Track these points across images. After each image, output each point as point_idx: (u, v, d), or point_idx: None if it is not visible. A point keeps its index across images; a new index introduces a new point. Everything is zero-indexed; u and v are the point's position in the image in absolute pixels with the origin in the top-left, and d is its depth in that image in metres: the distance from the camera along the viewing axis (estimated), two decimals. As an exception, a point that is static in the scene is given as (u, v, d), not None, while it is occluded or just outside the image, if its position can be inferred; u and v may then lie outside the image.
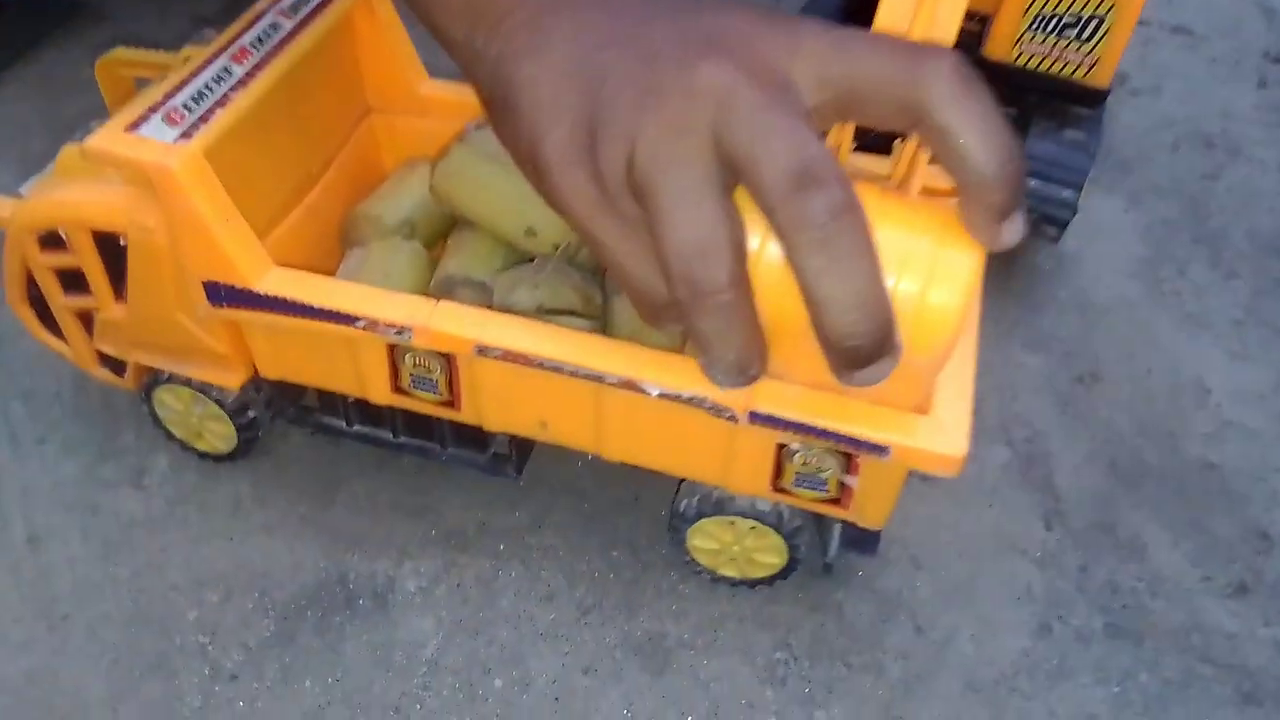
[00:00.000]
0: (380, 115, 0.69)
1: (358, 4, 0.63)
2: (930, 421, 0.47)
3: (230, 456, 0.66)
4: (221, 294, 0.54)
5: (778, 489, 0.53)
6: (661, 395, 0.49)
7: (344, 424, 0.63)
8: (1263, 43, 1.09)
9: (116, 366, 0.64)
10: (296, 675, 0.58)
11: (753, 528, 0.57)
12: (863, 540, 0.58)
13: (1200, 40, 1.10)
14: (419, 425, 0.61)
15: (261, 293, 0.53)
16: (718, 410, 0.49)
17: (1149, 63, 1.06)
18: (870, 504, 0.53)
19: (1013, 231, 0.36)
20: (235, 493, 0.66)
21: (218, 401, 0.62)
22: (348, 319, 0.53)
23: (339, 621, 0.60)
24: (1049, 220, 0.76)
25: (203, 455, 0.67)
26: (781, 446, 0.51)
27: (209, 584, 0.61)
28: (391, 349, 0.55)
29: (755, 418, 0.48)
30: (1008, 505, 0.66)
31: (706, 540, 0.59)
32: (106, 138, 0.52)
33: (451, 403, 0.57)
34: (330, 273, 0.59)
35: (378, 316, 0.52)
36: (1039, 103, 0.77)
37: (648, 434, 0.54)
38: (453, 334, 0.51)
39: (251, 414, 0.63)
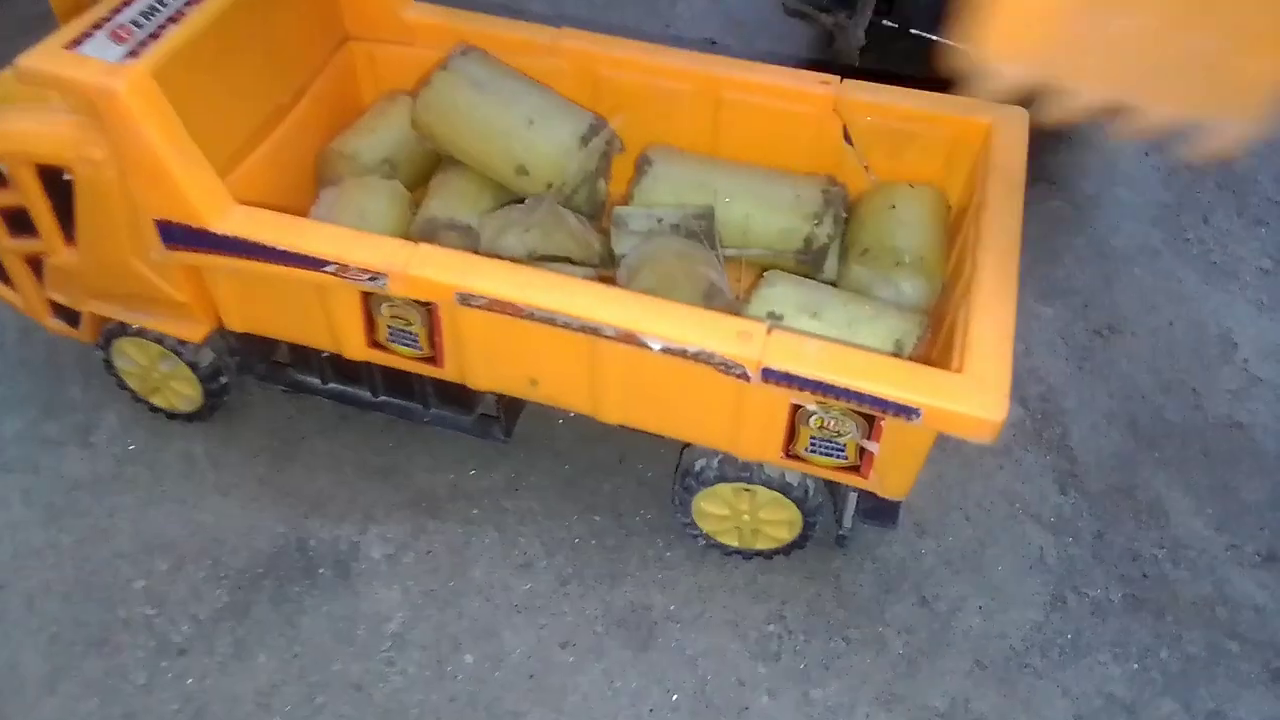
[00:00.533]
0: (359, 43, 0.64)
1: None
2: (966, 381, 0.43)
3: (195, 416, 0.61)
4: (177, 234, 0.49)
5: (790, 455, 0.49)
6: (664, 350, 0.44)
7: (319, 381, 0.58)
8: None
9: (71, 317, 0.59)
10: (250, 650, 0.53)
11: (774, 499, 0.52)
12: (881, 511, 0.53)
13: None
14: (400, 383, 0.56)
15: (221, 233, 0.48)
16: (727, 366, 0.44)
17: None
18: (893, 472, 0.48)
19: None
20: (188, 452, 0.61)
21: (190, 364, 0.57)
22: (316, 263, 0.47)
23: (297, 592, 0.55)
24: None
25: (155, 410, 0.62)
26: (797, 408, 0.46)
27: (158, 551, 0.57)
28: (366, 298, 0.50)
29: (769, 375, 0.43)
30: (1020, 467, 0.61)
31: (718, 506, 0.54)
32: (43, 56, 0.47)
33: (433, 358, 0.52)
34: (303, 214, 0.54)
35: (349, 260, 0.47)
36: None
37: (648, 394, 0.49)
38: (433, 280, 0.46)
39: (223, 379, 0.58)
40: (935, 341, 0.51)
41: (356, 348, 0.53)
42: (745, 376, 0.44)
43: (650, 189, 0.58)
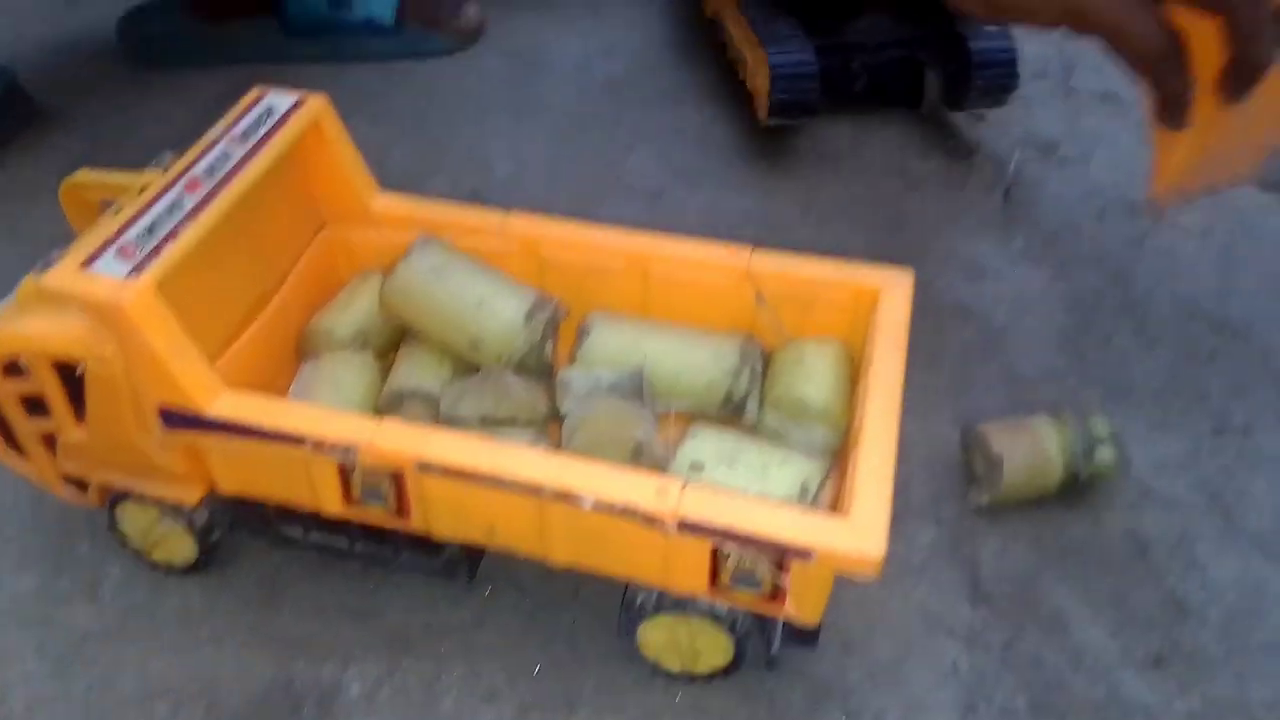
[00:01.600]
0: (334, 228, 0.72)
1: (308, 127, 0.66)
2: (848, 524, 0.50)
3: (192, 569, 0.68)
4: (176, 419, 0.57)
5: (717, 588, 0.55)
6: (595, 507, 0.52)
7: (301, 534, 0.65)
8: (1188, 106, 1.13)
9: (80, 485, 0.66)
10: (243, 785, 0.59)
11: (707, 627, 0.59)
12: (804, 635, 0.60)
13: (1128, 107, 1.14)
14: (373, 533, 0.63)
15: (213, 417, 0.56)
16: (649, 520, 0.51)
17: (1078, 131, 1.09)
18: (804, 601, 0.55)
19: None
20: (185, 602, 0.68)
21: (187, 523, 0.65)
22: (296, 440, 0.55)
23: (285, 729, 0.61)
24: None
25: (156, 568, 0.69)
26: (715, 549, 0.53)
27: (159, 695, 0.63)
28: (341, 465, 0.57)
29: (685, 526, 0.50)
30: (936, 583, 0.68)
31: (659, 634, 0.61)
32: (62, 276, 0.55)
33: (401, 513, 0.59)
34: (289, 383, 0.62)
35: (324, 437, 0.55)
36: None
37: (590, 540, 0.56)
38: (396, 451, 0.54)
39: (216, 535, 0.65)
40: (840, 481, 0.58)
41: (335, 505, 0.60)
42: (665, 527, 0.51)
43: (590, 352, 0.66)
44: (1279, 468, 0.75)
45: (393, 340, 0.70)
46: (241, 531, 0.67)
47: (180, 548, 0.66)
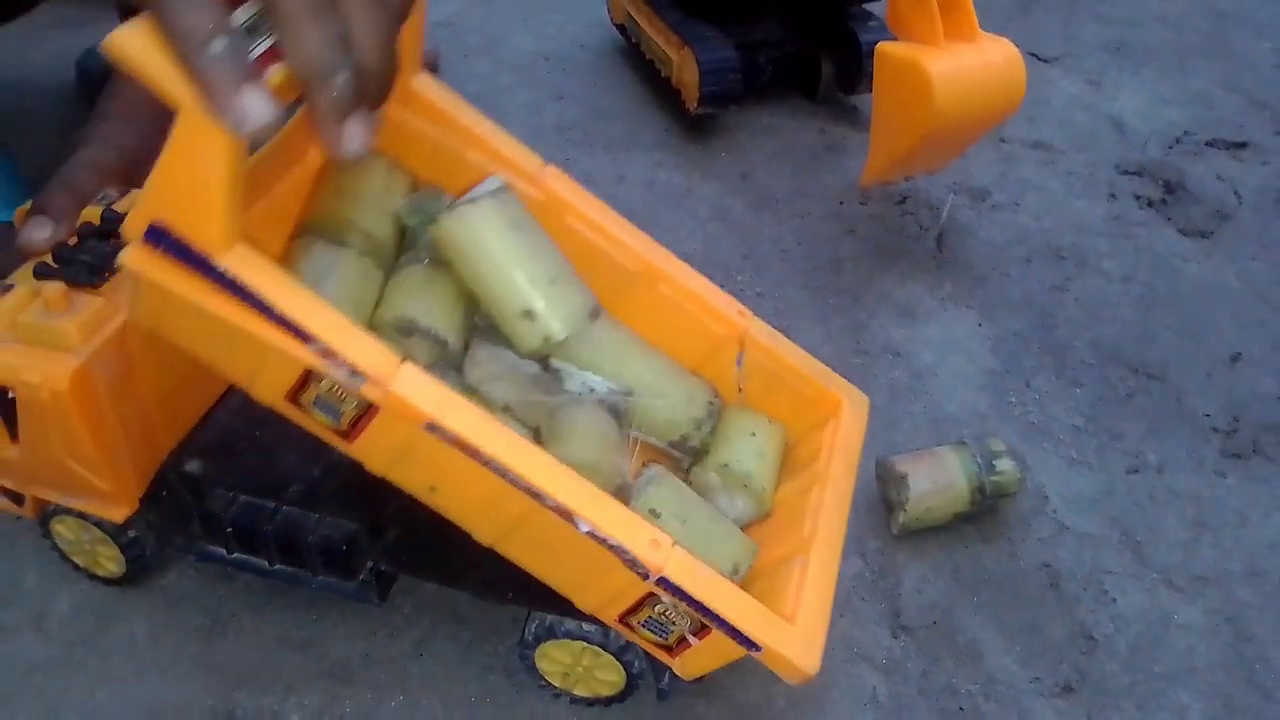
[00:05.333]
0: None
1: None
2: (796, 633, 0.53)
3: (123, 581, 0.70)
4: (172, 245, 0.46)
5: (623, 622, 0.58)
6: (589, 534, 0.51)
7: (225, 552, 0.66)
8: (1114, 156, 1.18)
9: (17, 498, 0.68)
10: (182, 813, 0.61)
11: (584, 649, 0.61)
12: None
13: (1058, 155, 1.19)
14: (291, 552, 0.64)
15: (222, 267, 0.46)
16: (634, 564, 0.51)
17: (1009, 179, 1.14)
18: (696, 664, 0.58)
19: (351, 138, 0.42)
20: (131, 633, 0.69)
21: (112, 536, 0.67)
22: (303, 335, 0.48)
23: (225, 758, 0.63)
24: None
25: (94, 578, 0.71)
26: (651, 594, 0.54)
27: (102, 726, 0.65)
28: (312, 371, 0.50)
29: (663, 582, 0.52)
30: (859, 615, 0.71)
31: (551, 664, 0.63)
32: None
33: (346, 435, 0.53)
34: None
35: (337, 349, 0.48)
36: None
37: (537, 542, 0.55)
38: (411, 403, 0.48)
39: (132, 533, 0.67)
40: (789, 582, 0.58)
41: (272, 395, 0.53)
42: (645, 576, 0.52)
43: (586, 348, 0.64)
44: (1189, 505, 0.79)
45: (395, 244, 0.63)
46: (168, 548, 0.68)
47: (108, 561, 0.69)
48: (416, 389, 0.49)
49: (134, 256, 0.47)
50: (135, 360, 0.61)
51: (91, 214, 0.65)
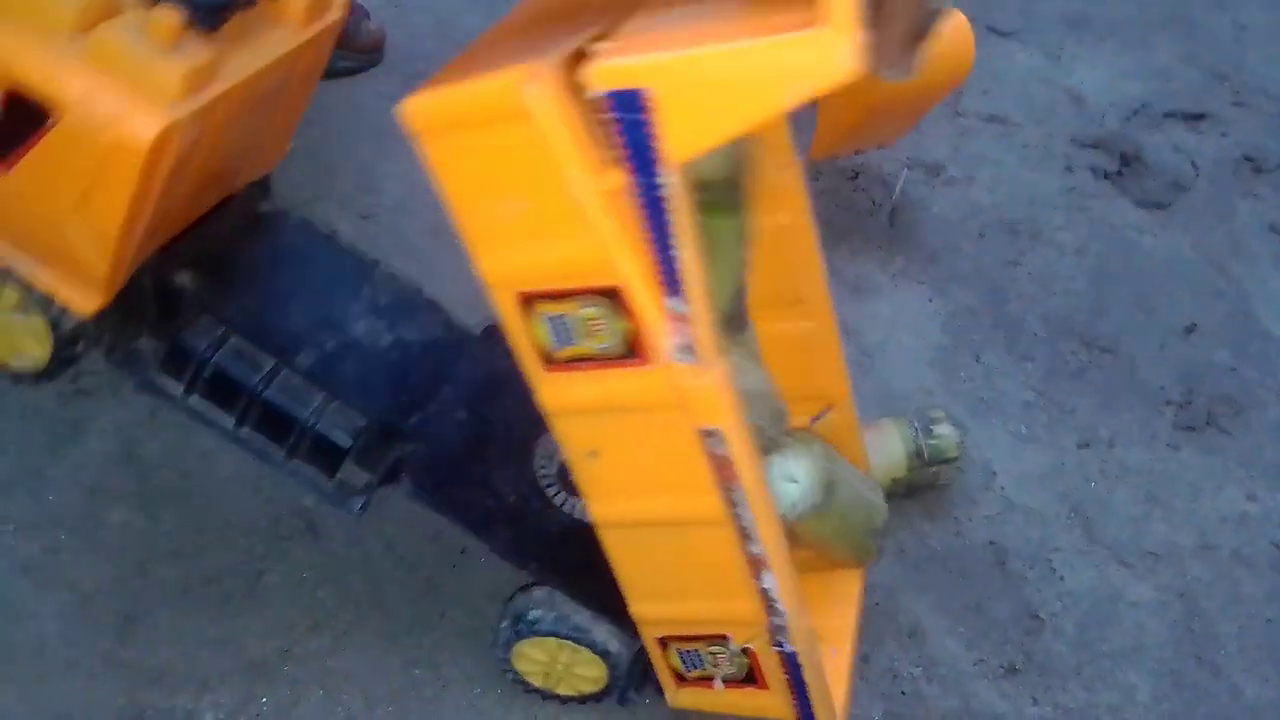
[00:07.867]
0: None
1: None
2: None
3: (38, 376, 0.56)
4: (630, 118, 0.39)
5: (664, 641, 0.56)
6: (764, 592, 0.50)
7: (181, 391, 0.55)
8: (1072, 128, 1.16)
9: None
10: (86, 818, 0.58)
11: (559, 645, 0.59)
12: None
13: (1014, 128, 1.17)
14: (277, 423, 0.55)
15: (662, 178, 0.41)
16: (778, 631, 0.51)
17: (964, 153, 1.12)
18: (700, 700, 0.58)
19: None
20: (40, 630, 0.66)
21: (52, 319, 0.52)
22: (672, 284, 0.43)
23: (133, 760, 0.60)
24: None
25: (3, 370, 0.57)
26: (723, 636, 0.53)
27: (6, 729, 0.62)
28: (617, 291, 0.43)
29: (787, 658, 0.52)
30: (800, 599, 0.69)
31: (529, 664, 0.61)
32: None
33: (553, 364, 0.46)
34: None
35: (692, 321, 0.43)
36: None
37: (673, 547, 0.51)
38: (711, 401, 0.45)
39: (77, 348, 0.54)
40: None
41: (511, 281, 0.45)
42: (779, 645, 0.52)
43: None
44: (1141, 480, 0.78)
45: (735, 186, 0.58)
46: (109, 359, 0.56)
47: (31, 345, 0.54)
48: (719, 395, 0.44)
49: (543, 94, 0.39)
50: (206, 138, 0.49)
51: None
